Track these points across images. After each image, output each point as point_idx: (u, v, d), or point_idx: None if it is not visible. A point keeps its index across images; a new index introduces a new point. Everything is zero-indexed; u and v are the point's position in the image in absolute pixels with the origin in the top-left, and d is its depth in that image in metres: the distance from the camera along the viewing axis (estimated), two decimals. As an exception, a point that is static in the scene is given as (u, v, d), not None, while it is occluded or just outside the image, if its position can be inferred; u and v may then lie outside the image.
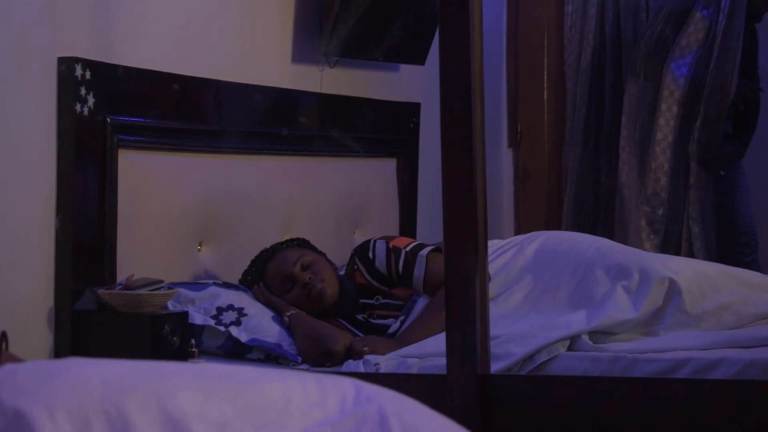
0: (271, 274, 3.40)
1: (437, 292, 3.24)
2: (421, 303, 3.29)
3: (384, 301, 3.37)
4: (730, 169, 4.78)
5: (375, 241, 3.44)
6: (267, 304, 3.35)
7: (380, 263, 3.39)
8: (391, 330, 3.28)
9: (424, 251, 3.36)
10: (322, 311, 3.35)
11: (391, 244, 3.41)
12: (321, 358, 3.15)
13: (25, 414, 1.17)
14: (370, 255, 3.41)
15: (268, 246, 3.50)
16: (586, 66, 5.29)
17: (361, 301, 3.39)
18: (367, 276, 3.40)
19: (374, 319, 3.35)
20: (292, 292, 3.35)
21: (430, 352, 3.00)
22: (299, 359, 3.18)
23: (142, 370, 1.27)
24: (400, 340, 3.17)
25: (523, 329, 3.02)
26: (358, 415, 1.25)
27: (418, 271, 3.33)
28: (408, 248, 3.38)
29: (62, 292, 3.13)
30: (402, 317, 3.29)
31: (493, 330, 2.68)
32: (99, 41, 3.27)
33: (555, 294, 3.25)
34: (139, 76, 3.37)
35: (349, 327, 3.34)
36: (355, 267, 3.43)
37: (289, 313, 3.29)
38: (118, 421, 1.18)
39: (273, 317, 3.29)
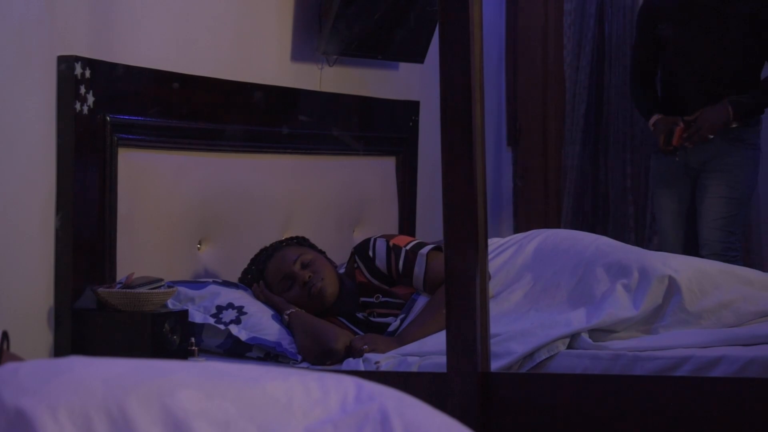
0: (271, 272, 3.40)
1: (437, 290, 3.24)
2: (421, 301, 3.29)
3: (384, 299, 3.37)
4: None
5: (375, 240, 3.44)
6: (267, 302, 3.35)
7: (380, 262, 3.39)
8: (391, 328, 3.28)
9: (425, 250, 3.36)
10: (322, 310, 3.35)
11: (391, 243, 3.41)
12: (321, 356, 3.15)
13: (27, 413, 1.17)
14: (371, 253, 3.41)
15: (267, 244, 3.50)
16: (586, 64, 5.29)
17: (361, 299, 3.39)
18: (367, 274, 3.40)
19: (374, 317, 3.35)
20: (292, 290, 3.35)
21: (430, 350, 3.00)
22: (299, 357, 3.18)
23: (143, 368, 1.27)
24: (400, 338, 3.17)
25: (523, 327, 3.02)
26: (359, 413, 1.25)
27: (419, 270, 3.33)
28: (408, 247, 3.38)
29: (62, 290, 3.13)
30: (402, 316, 3.29)
31: (494, 328, 2.68)
32: (99, 40, 3.27)
33: (555, 292, 3.25)
34: (139, 75, 3.37)
35: (349, 325, 3.34)
36: (355, 265, 3.43)
37: (288, 312, 3.29)
38: (119, 419, 1.18)
39: (273, 315, 3.29)
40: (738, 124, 4.31)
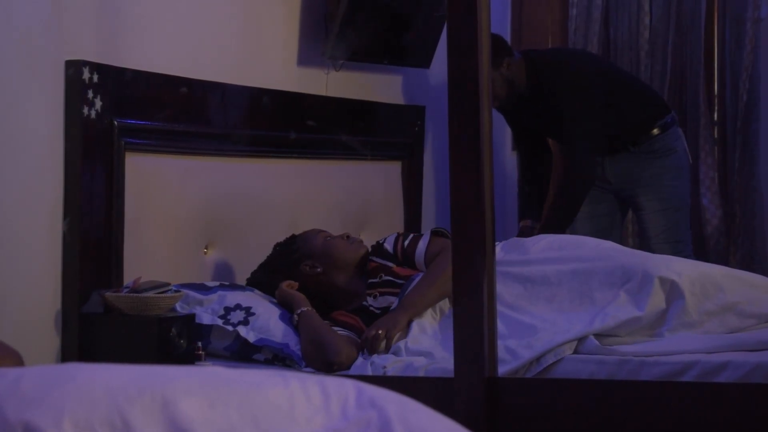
0: (310, 237, 3.51)
1: (435, 260, 3.31)
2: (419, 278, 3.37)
3: (386, 278, 3.40)
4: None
5: (387, 236, 3.57)
6: (286, 297, 3.34)
7: (389, 244, 3.52)
8: (392, 308, 3.31)
9: (430, 232, 3.52)
10: (335, 300, 3.39)
11: (401, 233, 3.58)
12: (323, 367, 3.14)
13: (33, 426, 1.17)
14: (380, 240, 3.54)
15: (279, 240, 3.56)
16: (591, 69, 5.27)
17: (369, 281, 3.43)
18: (376, 259, 3.47)
19: (376, 298, 3.38)
20: (335, 239, 3.49)
21: (438, 354, 3.01)
22: (304, 363, 3.19)
23: (147, 376, 1.26)
24: (402, 306, 3.23)
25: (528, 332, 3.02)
26: (361, 420, 1.25)
27: (422, 244, 3.45)
28: (416, 234, 3.57)
29: (69, 294, 3.14)
30: (402, 295, 3.33)
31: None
32: (106, 45, 3.28)
33: (560, 296, 3.25)
34: (147, 80, 3.38)
35: (359, 320, 3.34)
36: (369, 259, 3.51)
37: (299, 311, 3.28)
38: (123, 431, 1.18)
39: (280, 316, 3.29)
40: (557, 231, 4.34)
